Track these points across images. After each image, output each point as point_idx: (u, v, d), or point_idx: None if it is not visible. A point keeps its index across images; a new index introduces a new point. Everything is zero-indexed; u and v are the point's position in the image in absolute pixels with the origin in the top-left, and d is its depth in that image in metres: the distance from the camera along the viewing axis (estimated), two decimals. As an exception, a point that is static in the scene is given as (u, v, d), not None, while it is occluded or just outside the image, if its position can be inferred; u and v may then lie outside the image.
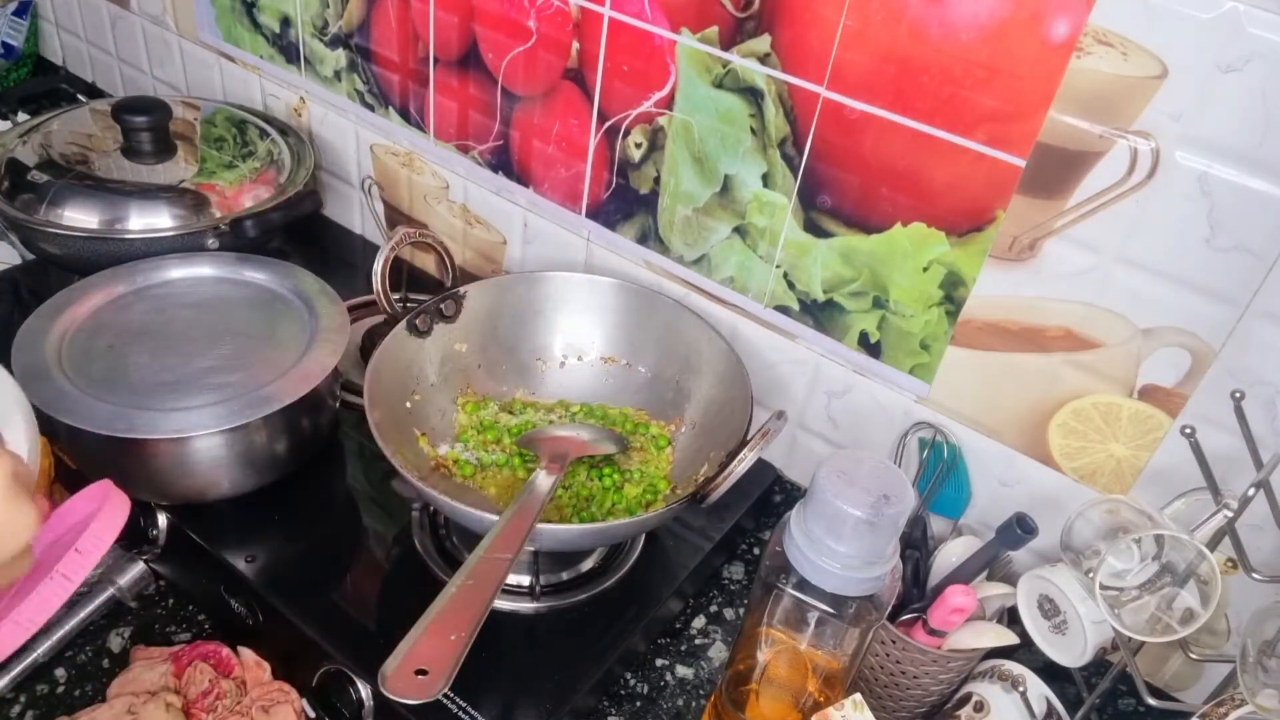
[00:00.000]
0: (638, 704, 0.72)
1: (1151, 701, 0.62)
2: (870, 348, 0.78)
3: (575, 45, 0.83)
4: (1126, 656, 0.62)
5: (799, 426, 0.87)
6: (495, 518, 0.61)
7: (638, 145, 0.84)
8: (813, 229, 0.76)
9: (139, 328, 0.78)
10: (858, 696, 0.56)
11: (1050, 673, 0.68)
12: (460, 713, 0.64)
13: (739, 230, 0.81)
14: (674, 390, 0.84)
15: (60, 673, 0.71)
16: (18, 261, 1.00)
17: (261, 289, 0.85)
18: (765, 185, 0.77)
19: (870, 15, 0.66)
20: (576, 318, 0.87)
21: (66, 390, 0.70)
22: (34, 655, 0.69)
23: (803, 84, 0.71)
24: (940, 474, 0.74)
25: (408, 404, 0.79)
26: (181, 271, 0.85)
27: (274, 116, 1.11)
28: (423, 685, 0.49)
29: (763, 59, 0.72)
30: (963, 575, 0.67)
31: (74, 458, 0.77)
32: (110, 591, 0.74)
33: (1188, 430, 0.58)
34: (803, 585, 0.54)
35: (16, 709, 0.68)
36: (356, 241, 1.16)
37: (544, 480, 0.67)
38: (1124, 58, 0.58)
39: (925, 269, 0.72)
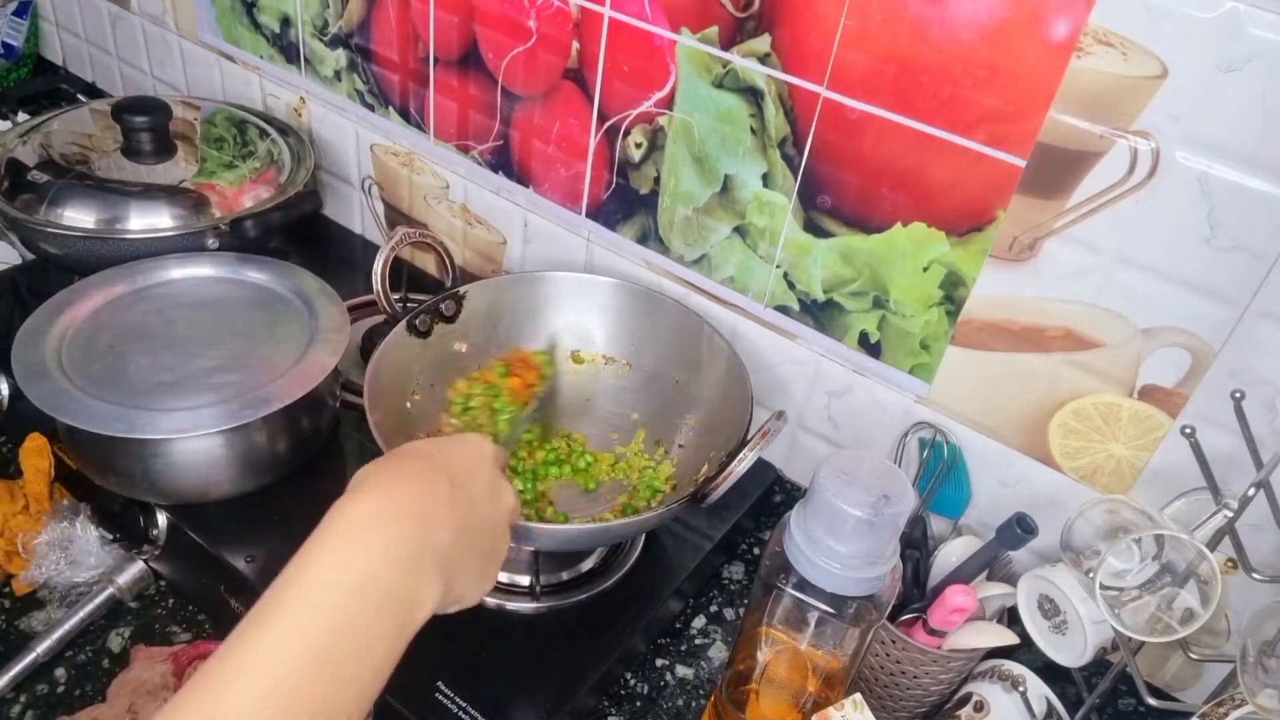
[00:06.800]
0: (638, 704, 0.72)
1: (1151, 701, 0.62)
2: (870, 348, 0.78)
3: (575, 45, 0.83)
4: (1126, 656, 0.62)
5: (799, 426, 0.87)
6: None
7: (638, 145, 0.84)
8: (813, 229, 0.76)
9: (139, 328, 0.78)
10: (858, 696, 0.56)
11: (1050, 673, 0.68)
12: (460, 713, 0.64)
13: (739, 230, 0.81)
14: (674, 390, 0.84)
15: (60, 673, 0.71)
16: (18, 261, 1.00)
17: (261, 289, 0.85)
18: (765, 185, 0.77)
19: (870, 15, 0.66)
20: (576, 318, 0.87)
21: (66, 390, 0.70)
22: (34, 655, 0.69)
23: (803, 84, 0.71)
24: (940, 474, 0.74)
25: (408, 404, 0.79)
26: (181, 271, 0.85)
27: (274, 116, 1.11)
28: None
29: (763, 59, 0.72)
30: (963, 575, 0.67)
31: (74, 458, 0.77)
32: (110, 591, 0.74)
33: (1188, 430, 0.58)
34: (803, 585, 0.54)
35: (16, 709, 0.68)
36: (356, 241, 1.16)
37: None
38: (1124, 58, 0.58)
39: (925, 269, 0.72)
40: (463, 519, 0.47)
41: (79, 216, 0.89)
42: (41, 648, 0.70)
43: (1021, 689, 0.66)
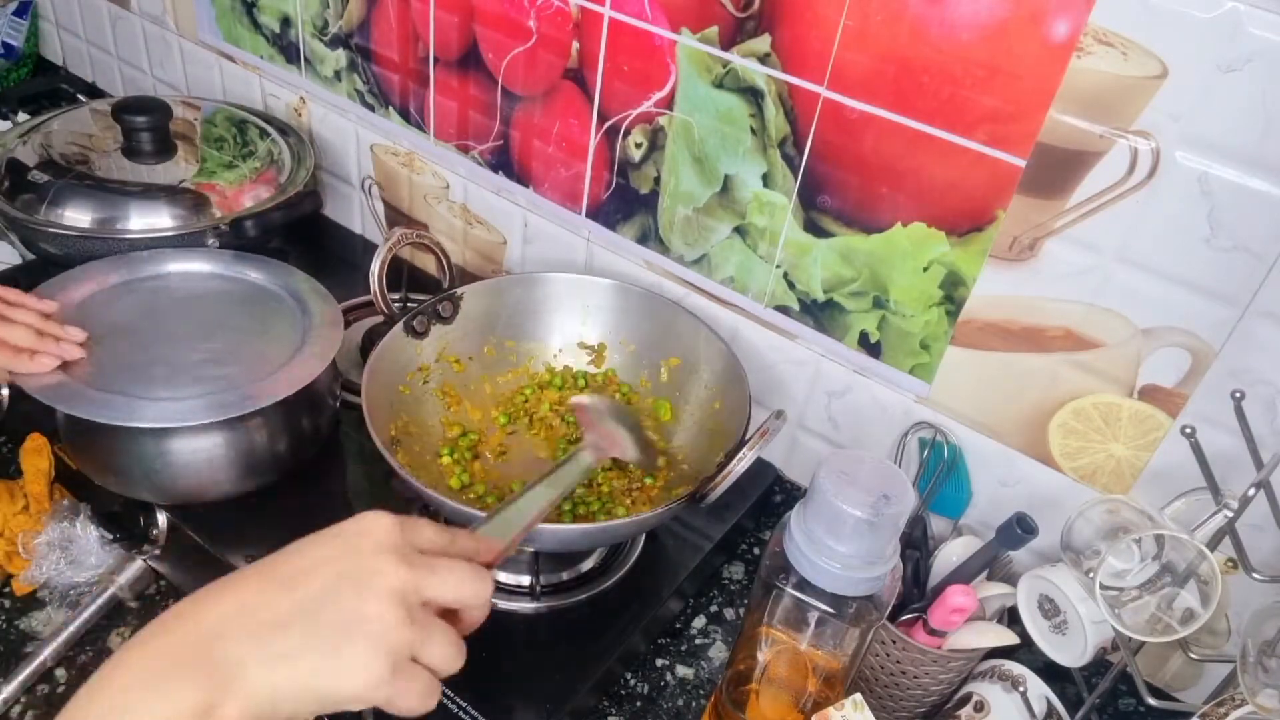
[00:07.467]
0: (638, 704, 0.72)
1: (1152, 701, 0.62)
2: (870, 348, 0.78)
3: (575, 45, 0.83)
4: (1126, 656, 0.62)
5: (799, 426, 0.87)
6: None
7: (638, 145, 0.84)
8: (813, 229, 0.76)
9: (132, 319, 0.78)
10: (858, 696, 0.56)
11: (1050, 673, 0.68)
12: (460, 713, 0.64)
13: (739, 230, 0.81)
14: (674, 391, 0.83)
15: (60, 673, 0.71)
16: (18, 261, 1.00)
17: (255, 286, 0.84)
18: (765, 185, 0.77)
19: (870, 15, 0.66)
20: (575, 318, 0.87)
21: (60, 379, 0.70)
22: (40, 660, 0.69)
23: (803, 84, 0.71)
24: (940, 474, 0.74)
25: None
26: (174, 265, 0.85)
27: (274, 116, 1.11)
28: None
29: (763, 59, 0.72)
30: (963, 575, 0.67)
31: (74, 457, 0.77)
32: (110, 591, 0.74)
33: (1188, 430, 0.58)
34: (803, 585, 0.54)
35: (16, 709, 0.68)
36: (356, 241, 1.16)
37: (588, 460, 0.61)
38: (1124, 58, 0.58)
39: (925, 269, 0.72)
40: (275, 613, 0.42)
41: (79, 216, 0.89)
42: (46, 652, 0.70)
43: (1021, 689, 0.66)
